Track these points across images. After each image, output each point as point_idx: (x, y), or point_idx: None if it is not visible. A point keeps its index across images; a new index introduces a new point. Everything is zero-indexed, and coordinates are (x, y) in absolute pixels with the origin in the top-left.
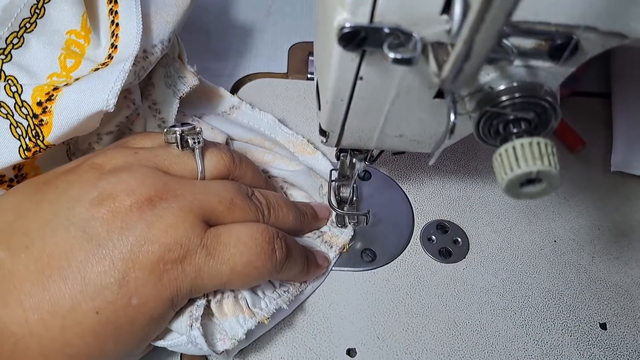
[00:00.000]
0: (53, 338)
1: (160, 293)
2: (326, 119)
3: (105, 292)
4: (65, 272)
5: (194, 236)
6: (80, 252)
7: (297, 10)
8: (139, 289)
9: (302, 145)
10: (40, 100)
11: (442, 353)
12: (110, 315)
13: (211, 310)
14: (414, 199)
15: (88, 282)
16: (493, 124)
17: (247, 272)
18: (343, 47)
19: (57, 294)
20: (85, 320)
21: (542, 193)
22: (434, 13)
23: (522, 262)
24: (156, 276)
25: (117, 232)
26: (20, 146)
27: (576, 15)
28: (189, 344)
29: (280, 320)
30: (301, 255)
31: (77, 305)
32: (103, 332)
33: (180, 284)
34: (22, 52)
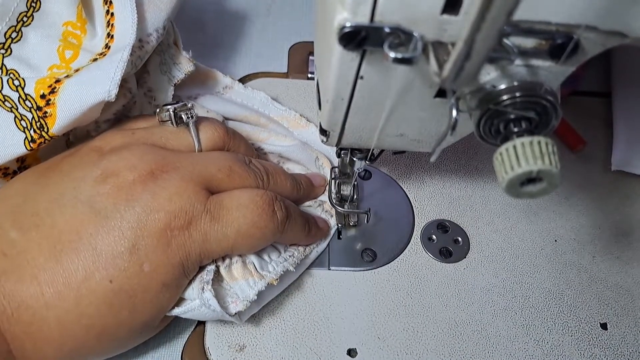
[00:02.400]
0: (69, 309)
1: (171, 259)
2: (327, 119)
3: (117, 261)
4: (77, 245)
5: (197, 203)
6: (89, 225)
7: (297, 10)
8: (150, 255)
9: (296, 120)
10: (44, 93)
11: (443, 353)
12: (123, 283)
13: (221, 275)
14: (415, 198)
15: (99, 252)
16: (494, 123)
17: (251, 233)
18: (343, 47)
19: (70, 266)
20: (99, 289)
21: (542, 192)
22: (435, 12)
23: (522, 261)
24: (165, 242)
25: (123, 205)
26: (25, 138)
27: (576, 15)
28: (202, 306)
29: (289, 284)
30: (301, 217)
31: (91, 275)
32: (117, 301)
33: (189, 249)
34: (21, 45)
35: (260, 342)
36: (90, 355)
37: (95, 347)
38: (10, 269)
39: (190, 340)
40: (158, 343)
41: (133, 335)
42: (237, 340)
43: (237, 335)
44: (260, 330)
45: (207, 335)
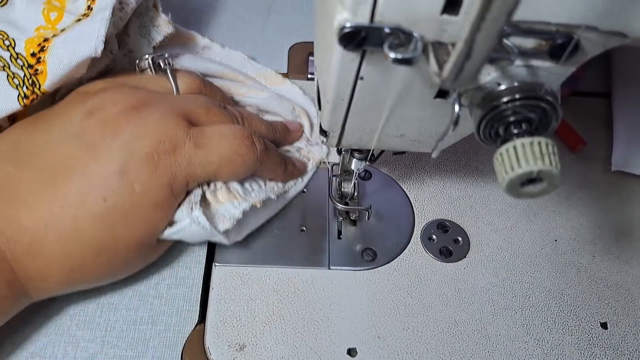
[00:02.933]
0: (66, 228)
1: (160, 180)
2: (327, 119)
3: (109, 182)
4: (70, 173)
5: (180, 130)
6: (80, 154)
7: (297, 10)
8: (140, 177)
9: (272, 77)
10: (34, 51)
11: (443, 352)
12: (116, 201)
13: (207, 200)
14: (415, 198)
15: (92, 176)
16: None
17: (233, 160)
18: (343, 47)
19: (66, 190)
20: (94, 208)
21: (542, 192)
22: (435, 13)
23: (522, 261)
24: (152, 165)
25: (110, 135)
26: (18, 95)
27: (577, 15)
28: (192, 224)
29: (272, 215)
30: (278, 153)
31: (85, 196)
32: (112, 218)
33: (175, 171)
34: (7, 9)
35: (260, 342)
36: (94, 275)
37: (96, 265)
38: (7, 197)
39: (190, 340)
40: (158, 342)
41: (131, 254)
42: (237, 340)
43: (237, 335)
44: (260, 330)
45: (207, 335)
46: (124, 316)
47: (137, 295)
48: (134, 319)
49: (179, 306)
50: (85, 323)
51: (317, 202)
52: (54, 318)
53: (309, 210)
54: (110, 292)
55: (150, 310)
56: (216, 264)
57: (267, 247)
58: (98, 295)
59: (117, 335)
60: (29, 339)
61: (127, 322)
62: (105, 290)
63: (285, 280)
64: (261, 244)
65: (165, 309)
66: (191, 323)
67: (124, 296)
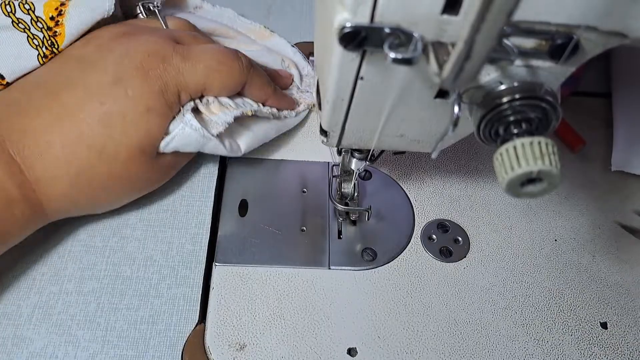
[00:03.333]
0: (68, 130)
1: (151, 87)
2: (327, 119)
3: (103, 89)
4: (70, 85)
5: (167, 45)
6: (79, 72)
7: (297, 10)
8: (131, 83)
9: (261, 31)
10: (52, 15)
11: (443, 352)
12: (112, 105)
13: (201, 112)
14: (415, 198)
15: (88, 86)
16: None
17: (220, 69)
18: (344, 47)
19: (65, 100)
20: (93, 111)
21: (542, 192)
22: (435, 13)
23: (522, 261)
24: (143, 74)
25: (105, 53)
26: (38, 54)
27: (576, 15)
28: (185, 127)
29: (266, 142)
30: (265, 74)
31: (83, 102)
32: (109, 120)
33: (166, 80)
34: None
35: (261, 341)
36: (100, 184)
37: (100, 172)
38: (13, 111)
39: (190, 340)
40: (158, 342)
41: (132, 162)
42: (237, 340)
43: (238, 335)
44: (261, 330)
45: (207, 335)
46: (125, 316)
47: (137, 295)
48: (134, 319)
49: (179, 306)
50: (86, 323)
51: (317, 202)
52: (54, 318)
53: (309, 210)
54: (111, 292)
55: (151, 310)
56: (216, 264)
57: (267, 247)
58: (98, 295)
59: (117, 335)
60: (29, 338)
61: (128, 321)
62: (106, 290)
63: (285, 280)
64: (261, 244)
65: (166, 309)
66: (191, 323)
67: (124, 296)
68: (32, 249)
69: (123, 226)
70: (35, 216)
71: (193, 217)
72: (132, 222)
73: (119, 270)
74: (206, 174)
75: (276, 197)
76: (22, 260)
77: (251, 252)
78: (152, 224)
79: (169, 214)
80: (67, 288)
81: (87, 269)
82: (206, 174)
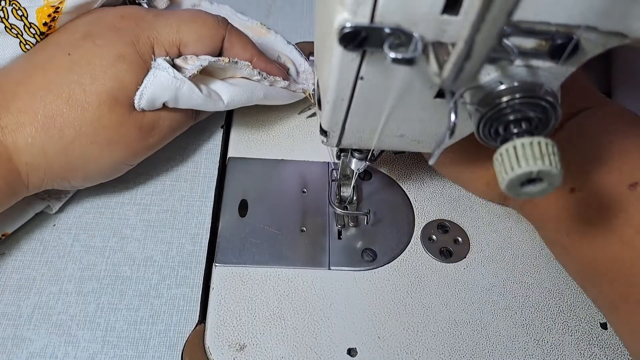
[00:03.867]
0: (37, 80)
1: (121, 37)
2: (327, 119)
3: (73, 42)
4: (43, 46)
5: (141, 10)
6: (52, 35)
7: (297, 10)
8: (102, 35)
9: (258, 28)
10: (46, 21)
11: (443, 352)
12: (80, 54)
13: (177, 65)
14: (415, 198)
15: (59, 43)
16: (494, 125)
17: (194, 20)
18: (344, 47)
19: (37, 58)
20: (59, 61)
21: (542, 192)
22: (435, 13)
23: (522, 261)
24: (115, 29)
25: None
26: None
27: (576, 15)
28: (156, 70)
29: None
30: (245, 34)
31: (52, 56)
32: (77, 69)
33: (137, 33)
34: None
35: (261, 342)
36: (71, 131)
37: (69, 116)
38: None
39: (190, 340)
40: (158, 342)
41: (104, 114)
42: (237, 340)
43: (238, 335)
44: (261, 330)
45: (207, 335)
46: (124, 316)
47: (137, 295)
48: (134, 319)
49: (179, 306)
50: (86, 323)
51: (317, 202)
52: (54, 318)
53: (309, 210)
54: (111, 292)
55: (151, 310)
56: (216, 264)
57: (267, 248)
58: (98, 296)
59: (117, 335)
60: (29, 339)
61: (128, 322)
62: (106, 290)
63: (285, 280)
64: (261, 244)
65: (166, 309)
66: (191, 323)
67: (124, 296)
68: (32, 249)
69: (123, 226)
70: (8, 174)
71: (193, 217)
72: (132, 222)
73: (118, 270)
74: (206, 174)
75: (276, 197)
76: (22, 260)
77: (251, 252)
78: (152, 224)
79: (169, 214)
80: (67, 288)
81: (87, 269)
82: (206, 174)
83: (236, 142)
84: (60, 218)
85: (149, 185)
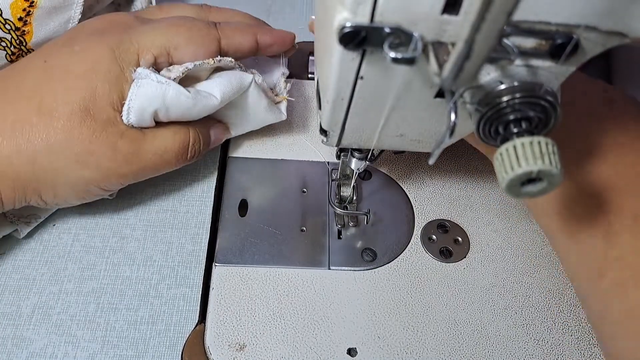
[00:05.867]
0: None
1: (100, 42)
2: (327, 119)
3: (51, 47)
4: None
5: (129, 17)
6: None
7: (297, 10)
8: (82, 40)
9: None
10: (21, 16)
11: (443, 352)
12: (56, 60)
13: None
14: (415, 198)
15: (42, 48)
16: (494, 124)
17: (184, 24)
18: (344, 47)
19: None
20: (34, 66)
21: (542, 192)
22: (435, 12)
23: (522, 261)
24: (98, 32)
25: None
26: (6, 54)
27: (576, 15)
28: (138, 80)
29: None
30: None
31: (31, 59)
32: (52, 75)
33: (120, 38)
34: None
35: (261, 342)
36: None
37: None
38: None
39: (190, 340)
40: (158, 342)
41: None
42: (237, 340)
43: (237, 335)
44: (261, 330)
45: (207, 335)
46: (124, 316)
47: (137, 295)
48: (134, 319)
49: (179, 306)
50: (86, 323)
51: (317, 202)
52: (54, 318)
53: (309, 210)
54: (110, 292)
55: (150, 310)
56: (216, 264)
57: (267, 248)
58: (98, 296)
59: (117, 335)
60: (29, 339)
61: (127, 322)
62: (105, 290)
63: (285, 280)
64: (261, 244)
65: (165, 309)
66: (191, 323)
67: (123, 296)
68: (32, 249)
69: (123, 226)
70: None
71: (193, 217)
72: (132, 222)
73: (118, 270)
74: (206, 174)
75: (276, 197)
76: (22, 260)
77: (251, 252)
78: (152, 224)
79: (169, 214)
80: (66, 288)
81: (86, 269)
82: (206, 174)
83: (236, 142)
84: (60, 218)
85: (149, 185)
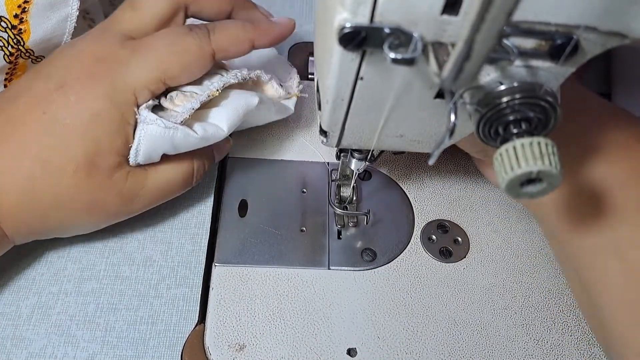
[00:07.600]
0: (14, 140)
1: (94, 89)
2: (327, 119)
3: (47, 96)
4: (16, 92)
5: (115, 43)
6: (26, 78)
7: (297, 10)
8: (75, 87)
9: None
10: (16, 13)
11: (443, 353)
12: (54, 113)
13: (164, 108)
14: (414, 198)
15: (34, 92)
16: (493, 125)
17: (174, 50)
18: (343, 47)
19: (12, 109)
20: (34, 121)
21: (542, 192)
22: (435, 13)
23: (522, 261)
24: (88, 76)
25: (54, 57)
26: (4, 54)
27: (576, 15)
28: (143, 124)
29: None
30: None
31: (27, 111)
32: (52, 130)
33: (113, 79)
34: None
35: (260, 342)
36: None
37: (46, 184)
38: None
39: (190, 340)
40: (158, 342)
41: (83, 176)
42: (237, 340)
43: (237, 335)
44: (260, 330)
45: (207, 335)
46: (124, 316)
47: (137, 295)
48: (134, 319)
49: (179, 306)
50: (85, 323)
51: (317, 202)
52: (54, 318)
53: (309, 210)
54: (110, 292)
55: (150, 310)
56: (216, 264)
57: (267, 248)
58: (97, 296)
59: (117, 335)
60: (28, 339)
61: (127, 322)
62: (105, 290)
63: (285, 280)
64: (261, 244)
65: (165, 309)
66: (191, 323)
67: (123, 296)
68: (31, 249)
69: (123, 226)
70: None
71: (193, 217)
72: (132, 222)
73: (118, 270)
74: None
75: (276, 197)
76: (21, 260)
77: (251, 252)
78: (151, 224)
79: (169, 214)
80: (66, 288)
81: (86, 269)
82: (206, 174)
83: (236, 142)
84: None
85: None
